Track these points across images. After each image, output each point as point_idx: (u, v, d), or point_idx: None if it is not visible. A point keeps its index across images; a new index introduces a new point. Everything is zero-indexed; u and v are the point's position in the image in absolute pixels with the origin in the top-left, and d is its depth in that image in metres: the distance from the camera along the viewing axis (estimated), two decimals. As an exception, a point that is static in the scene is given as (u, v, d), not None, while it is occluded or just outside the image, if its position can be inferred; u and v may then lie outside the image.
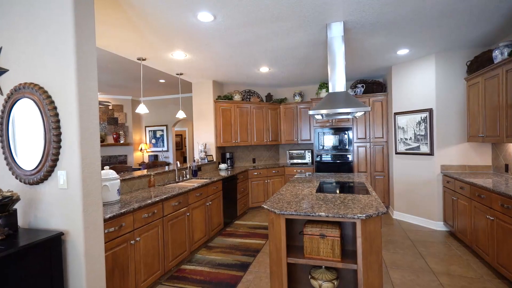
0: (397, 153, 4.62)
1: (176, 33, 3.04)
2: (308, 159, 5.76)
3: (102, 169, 2.62)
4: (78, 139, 1.72)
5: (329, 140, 5.33)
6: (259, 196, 5.43)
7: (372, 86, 5.27)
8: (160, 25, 2.83)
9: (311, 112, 2.72)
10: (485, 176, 3.42)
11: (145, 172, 3.56)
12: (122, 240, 2.21)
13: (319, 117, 3.06)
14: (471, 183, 3.07)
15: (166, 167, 4.15)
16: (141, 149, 8.34)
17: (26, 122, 1.84)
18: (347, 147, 5.24)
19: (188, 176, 4.18)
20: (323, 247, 2.06)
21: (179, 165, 3.99)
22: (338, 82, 2.86)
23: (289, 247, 2.29)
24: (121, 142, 7.89)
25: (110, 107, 7.89)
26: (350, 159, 5.22)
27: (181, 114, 4.84)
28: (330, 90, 2.90)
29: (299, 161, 5.80)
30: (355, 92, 5.29)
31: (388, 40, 3.42)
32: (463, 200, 3.31)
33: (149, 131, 8.60)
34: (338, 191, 2.67)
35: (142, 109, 3.80)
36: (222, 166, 5.19)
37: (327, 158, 5.34)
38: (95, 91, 1.84)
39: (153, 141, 8.59)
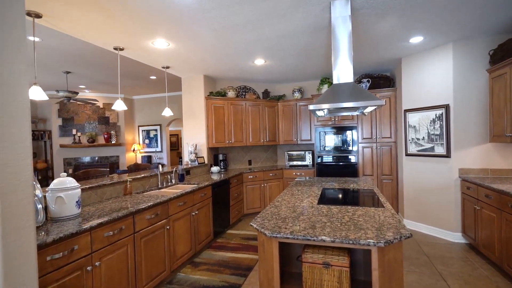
0: (407, 154, 4.15)
1: (153, 15, 2.58)
2: (308, 160, 5.29)
3: (58, 176, 2.18)
4: (-6, 141, 1.26)
5: (332, 140, 4.87)
6: (254, 201, 4.97)
7: (378, 81, 4.80)
8: (133, 3, 2.37)
9: (311, 107, 2.25)
10: (513, 182, 2.95)
11: (125, 176, 3.11)
12: (75, 267, 1.76)
13: (321, 113, 2.59)
14: (501, 191, 2.60)
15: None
16: (133, 150, 7.89)
17: None
18: (351, 147, 4.78)
19: (173, 181, 3.72)
20: (328, 279, 1.60)
21: (161, 169, 3.53)
22: (343, 72, 2.40)
23: (285, 274, 1.83)
24: (112, 142, 7.45)
25: (101, 106, 7.45)
26: (354, 161, 4.76)
27: (167, 112, 4.38)
28: (335, 82, 2.43)
29: (299, 162, 5.33)
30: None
31: (401, 25, 2.96)
32: (489, 210, 2.84)
33: (142, 130, 8.16)
34: (344, 202, 2.21)
35: (119, 105, 3.35)
36: (214, 169, 4.73)
37: (329, 159, 4.88)
38: (23, 76, 1.38)
39: (147, 141, 8.15)
